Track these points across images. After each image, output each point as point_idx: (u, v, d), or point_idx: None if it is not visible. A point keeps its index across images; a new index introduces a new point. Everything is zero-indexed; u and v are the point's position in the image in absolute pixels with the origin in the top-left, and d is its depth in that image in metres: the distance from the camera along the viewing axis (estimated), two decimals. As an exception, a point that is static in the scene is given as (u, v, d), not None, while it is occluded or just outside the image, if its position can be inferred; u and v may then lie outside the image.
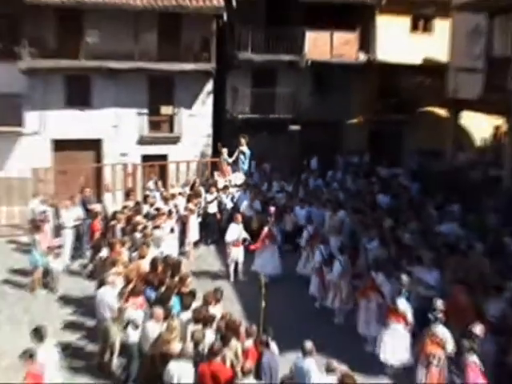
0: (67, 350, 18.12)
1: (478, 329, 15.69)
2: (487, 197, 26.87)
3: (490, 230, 23.11)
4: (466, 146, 35.85)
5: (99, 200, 27.76)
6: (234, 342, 14.54)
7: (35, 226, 23.16)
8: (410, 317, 17.41)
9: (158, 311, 15.81)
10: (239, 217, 23.85)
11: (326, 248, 21.97)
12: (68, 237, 24.70)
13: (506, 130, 31.61)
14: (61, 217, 24.92)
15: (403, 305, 17.39)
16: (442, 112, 35.12)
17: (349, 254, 21.32)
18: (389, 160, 33.73)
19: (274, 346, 14.85)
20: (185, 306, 16.21)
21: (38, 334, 14.77)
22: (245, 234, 23.71)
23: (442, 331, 15.96)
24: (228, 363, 13.88)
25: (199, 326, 15.09)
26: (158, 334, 15.25)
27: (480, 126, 36.23)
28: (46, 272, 22.34)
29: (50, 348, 14.97)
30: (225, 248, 25.05)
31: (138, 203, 25.85)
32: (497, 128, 36.89)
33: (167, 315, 15.81)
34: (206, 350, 14.35)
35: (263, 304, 15.78)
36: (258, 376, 13.59)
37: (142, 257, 19.71)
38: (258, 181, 30.75)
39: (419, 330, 16.89)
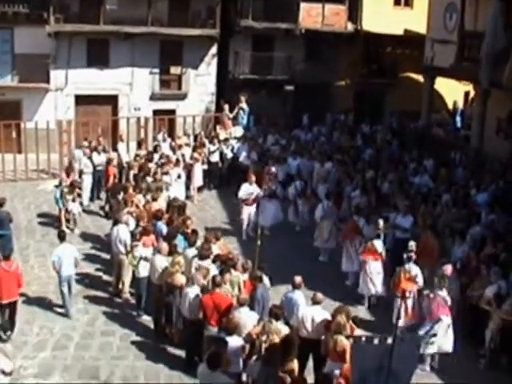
0: (86, 280, 18.46)
1: (448, 270, 15.87)
2: (456, 154, 26.96)
3: (457, 183, 23.24)
4: (440, 108, 35.78)
5: (115, 149, 27.74)
6: (234, 275, 14.70)
7: (66, 172, 23.22)
8: (384, 255, 17.70)
9: (164, 245, 15.93)
10: (253, 177, 22.87)
11: (300, 184, 23.01)
12: (87, 181, 24.69)
13: (474, 96, 31.56)
14: (81, 163, 24.92)
15: (380, 245, 17.61)
16: (419, 77, 34.89)
17: (334, 200, 21.47)
18: (371, 118, 33.69)
19: (266, 280, 14.97)
20: (190, 244, 16.31)
21: (60, 235, 16.91)
22: (259, 192, 22.57)
23: (414, 268, 16.13)
24: (226, 294, 13.97)
25: (205, 262, 15.22)
26: (164, 266, 15.38)
27: (452, 91, 36.10)
28: (69, 212, 22.44)
29: (68, 246, 16.69)
30: (226, 193, 25.86)
31: (149, 152, 25.81)
32: (466, 93, 36.79)
33: (173, 251, 15.96)
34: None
35: (258, 243, 15.83)
36: (252, 306, 13.72)
37: (154, 199, 19.78)
38: (255, 134, 30.69)
39: (394, 268, 17.06)
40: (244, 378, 12.87)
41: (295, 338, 12.66)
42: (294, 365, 11.79)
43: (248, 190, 22.43)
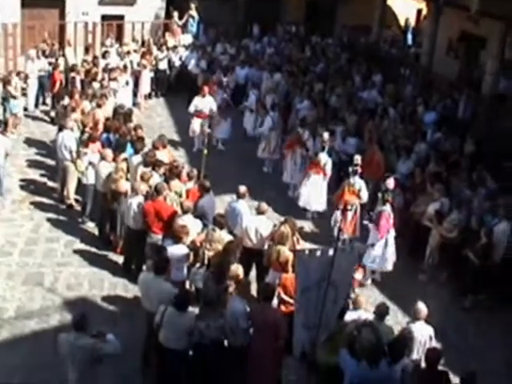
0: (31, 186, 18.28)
1: (391, 183, 16.02)
2: (406, 71, 27.05)
3: (405, 100, 23.37)
4: (391, 24, 35.60)
5: (62, 54, 27.13)
6: (177, 184, 14.67)
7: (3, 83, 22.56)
8: (328, 169, 17.77)
9: (107, 152, 15.78)
10: (206, 90, 22.26)
11: (258, 93, 23.54)
12: (32, 86, 24.14)
13: (427, 14, 31.47)
14: (26, 68, 24.32)
15: (324, 158, 17.64)
16: (372, -8, 34.66)
17: (281, 112, 21.43)
18: (322, 31, 33.40)
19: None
20: (136, 151, 16.19)
21: None
22: (213, 106, 22.03)
23: (358, 182, 16.26)
24: (169, 202, 13.97)
25: (148, 169, 15.12)
26: (108, 173, 15.25)
27: (404, 8, 35.97)
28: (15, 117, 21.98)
29: (2, 138, 17.38)
30: (173, 101, 25.91)
31: (95, 57, 25.32)
32: (419, 11, 36.67)
33: (122, 158, 15.85)
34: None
35: (205, 152, 15.80)
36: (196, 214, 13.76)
37: (98, 106, 19.42)
38: (205, 43, 30.33)
39: (338, 186, 17.22)
40: (187, 285, 12.98)
41: (237, 245, 12.83)
42: (239, 271, 11.86)
43: (199, 104, 21.84)
